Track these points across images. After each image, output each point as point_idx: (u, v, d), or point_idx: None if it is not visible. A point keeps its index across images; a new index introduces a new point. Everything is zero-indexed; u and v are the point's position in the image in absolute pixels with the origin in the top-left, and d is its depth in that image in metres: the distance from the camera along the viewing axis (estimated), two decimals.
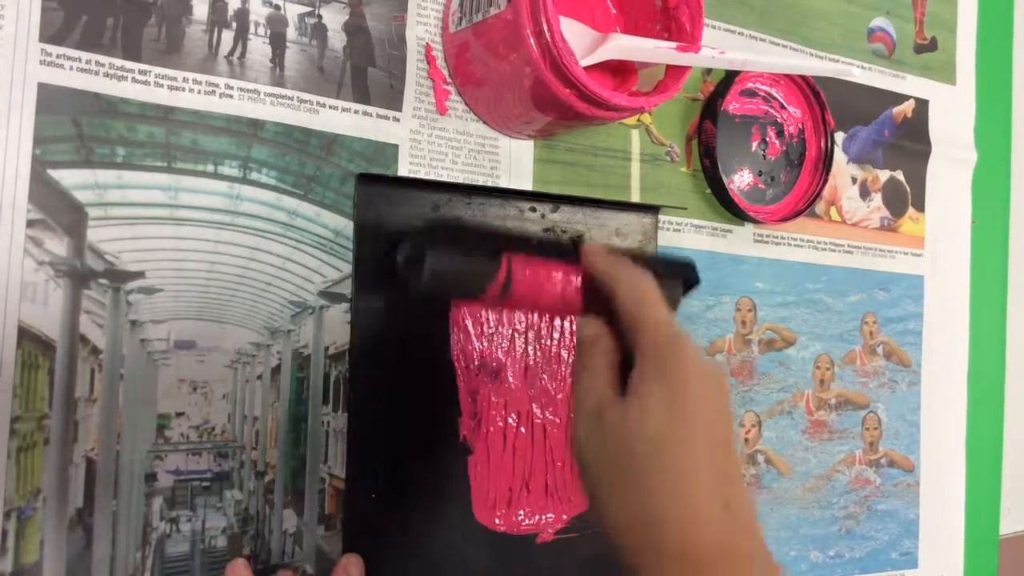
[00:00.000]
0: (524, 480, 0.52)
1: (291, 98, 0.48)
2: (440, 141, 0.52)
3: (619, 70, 0.52)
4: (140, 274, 0.44)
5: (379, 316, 0.49)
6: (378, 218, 0.49)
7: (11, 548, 0.40)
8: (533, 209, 0.53)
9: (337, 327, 0.48)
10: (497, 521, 0.51)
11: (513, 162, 0.54)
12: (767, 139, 0.64)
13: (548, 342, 0.53)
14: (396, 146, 0.50)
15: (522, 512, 0.52)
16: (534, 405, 0.52)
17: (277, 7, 0.48)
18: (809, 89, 0.64)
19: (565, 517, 0.53)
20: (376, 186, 0.49)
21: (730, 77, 0.61)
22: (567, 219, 0.54)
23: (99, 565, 0.42)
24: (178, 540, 0.44)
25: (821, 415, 0.66)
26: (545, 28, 0.43)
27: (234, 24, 0.46)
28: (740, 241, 0.63)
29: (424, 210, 0.50)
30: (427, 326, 0.50)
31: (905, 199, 0.72)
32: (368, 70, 0.50)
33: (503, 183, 0.54)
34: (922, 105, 0.73)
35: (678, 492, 0.34)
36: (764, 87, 0.64)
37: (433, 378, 0.50)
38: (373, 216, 0.49)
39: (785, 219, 0.63)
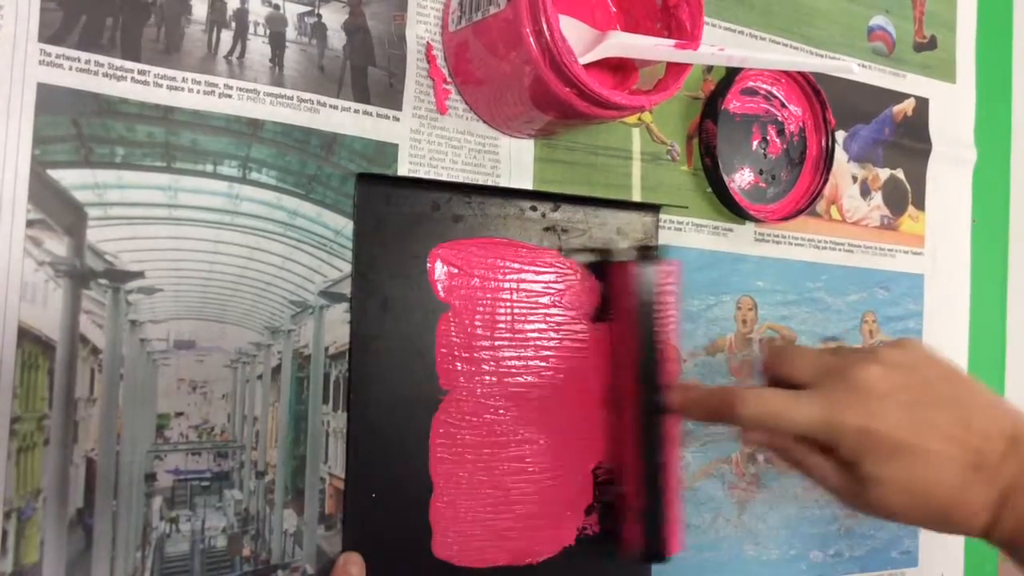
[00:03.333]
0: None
1: (291, 98, 0.47)
2: (440, 140, 0.52)
3: (619, 68, 0.52)
4: (140, 274, 0.44)
5: (379, 315, 0.49)
6: (378, 218, 0.49)
7: (11, 548, 0.40)
8: (534, 208, 0.53)
9: (337, 327, 0.48)
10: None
11: (513, 161, 0.54)
12: (768, 138, 0.64)
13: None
14: (396, 145, 0.50)
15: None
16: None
17: (276, 7, 0.47)
18: (810, 87, 0.64)
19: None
20: (376, 185, 0.49)
21: (731, 76, 0.61)
22: (568, 218, 0.54)
23: (99, 565, 0.42)
24: (178, 540, 0.44)
25: None
26: (544, 27, 0.43)
27: (233, 24, 0.46)
28: (741, 240, 0.63)
29: (425, 209, 0.50)
30: (426, 324, 0.50)
31: (905, 198, 0.72)
32: (368, 69, 0.50)
33: (503, 182, 0.54)
34: (922, 103, 0.73)
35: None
36: (765, 86, 0.64)
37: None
38: (373, 216, 0.49)
39: (786, 218, 0.63)
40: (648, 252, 0.51)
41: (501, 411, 0.51)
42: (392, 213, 0.49)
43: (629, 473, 0.51)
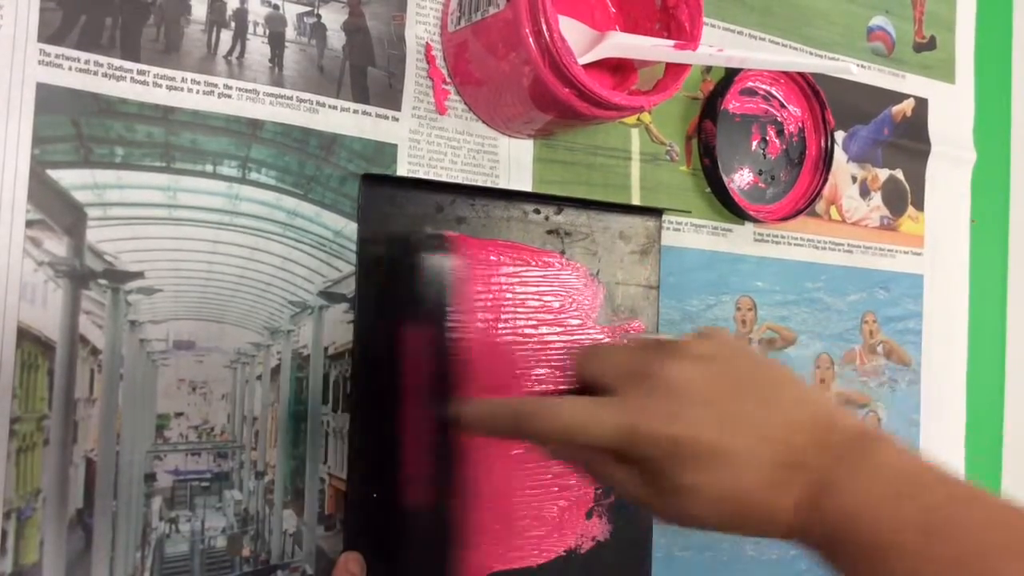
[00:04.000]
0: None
1: (290, 98, 0.47)
2: (439, 141, 0.52)
3: (619, 69, 0.52)
4: (139, 274, 0.44)
5: (382, 315, 0.49)
6: (382, 218, 0.49)
7: (11, 548, 0.40)
8: (537, 211, 0.53)
9: (337, 327, 0.48)
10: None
11: (513, 162, 0.54)
12: (767, 138, 0.64)
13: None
14: (395, 146, 0.50)
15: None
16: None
17: (276, 7, 0.47)
18: (809, 88, 0.64)
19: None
20: (381, 186, 0.49)
21: (730, 76, 0.61)
22: (571, 221, 0.54)
23: (99, 565, 0.42)
24: (177, 540, 0.44)
25: None
26: (544, 27, 0.43)
27: (233, 24, 0.46)
28: (740, 240, 0.63)
29: (428, 211, 0.50)
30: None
31: (905, 198, 0.72)
32: (367, 70, 0.50)
33: (503, 183, 0.53)
34: (921, 104, 0.73)
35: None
36: (764, 86, 0.64)
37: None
38: (377, 216, 0.49)
39: (785, 218, 0.63)
40: (432, 240, 0.45)
41: None
42: (396, 214, 0.49)
43: (424, 491, 0.47)
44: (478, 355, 0.51)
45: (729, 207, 0.61)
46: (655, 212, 0.57)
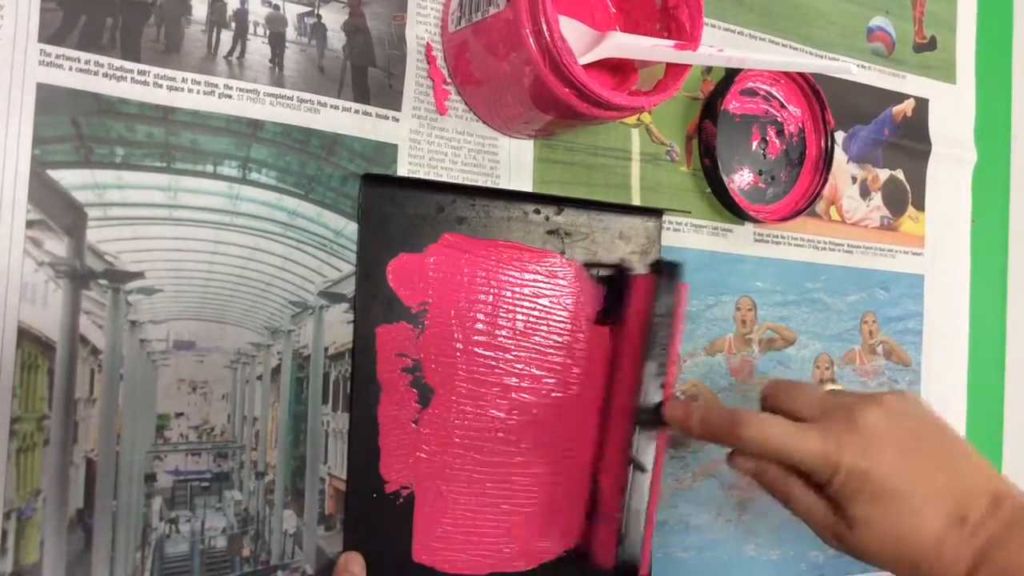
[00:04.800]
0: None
1: (291, 98, 0.48)
2: (440, 141, 0.52)
3: (619, 69, 0.52)
4: (140, 274, 0.44)
5: (382, 316, 0.49)
6: (382, 218, 0.49)
7: (11, 548, 0.40)
8: (537, 211, 0.53)
9: (337, 327, 0.48)
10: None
11: (513, 162, 0.54)
12: (767, 138, 0.64)
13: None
14: (395, 146, 0.50)
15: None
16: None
17: (276, 7, 0.47)
18: (809, 88, 0.64)
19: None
20: (381, 186, 0.49)
21: (730, 76, 0.61)
22: (571, 222, 0.54)
23: (99, 565, 0.42)
24: (177, 540, 0.44)
25: None
26: (544, 27, 0.43)
27: (233, 24, 0.46)
28: (740, 240, 0.63)
29: (429, 211, 0.50)
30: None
31: (905, 198, 0.72)
32: (368, 70, 0.50)
33: (503, 183, 0.54)
34: (922, 104, 0.73)
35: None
36: (764, 86, 0.64)
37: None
38: (377, 216, 0.49)
39: (785, 218, 0.63)
40: (669, 267, 0.50)
41: (502, 414, 0.51)
42: (396, 214, 0.49)
43: (613, 483, 0.50)
44: (479, 353, 0.51)
45: (729, 207, 0.61)
46: (655, 212, 0.57)
